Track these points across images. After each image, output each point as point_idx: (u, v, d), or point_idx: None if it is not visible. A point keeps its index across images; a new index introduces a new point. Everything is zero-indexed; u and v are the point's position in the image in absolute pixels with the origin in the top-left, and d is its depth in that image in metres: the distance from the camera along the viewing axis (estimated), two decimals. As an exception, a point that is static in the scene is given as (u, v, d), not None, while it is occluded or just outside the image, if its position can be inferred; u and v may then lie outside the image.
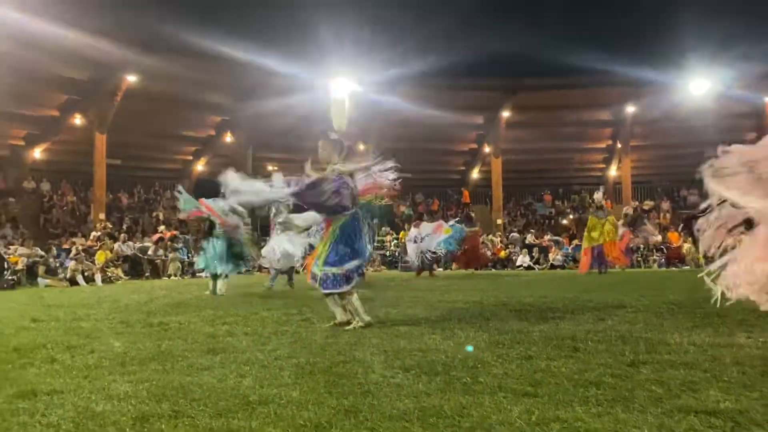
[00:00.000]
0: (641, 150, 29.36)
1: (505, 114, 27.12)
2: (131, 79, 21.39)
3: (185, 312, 6.46)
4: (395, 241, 23.61)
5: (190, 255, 18.02)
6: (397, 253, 21.82)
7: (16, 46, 17.44)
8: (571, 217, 28.34)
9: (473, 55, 24.93)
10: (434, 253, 14.83)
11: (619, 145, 28.64)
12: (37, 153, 24.72)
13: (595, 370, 3.17)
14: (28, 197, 23.75)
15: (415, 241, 15.05)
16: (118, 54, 19.39)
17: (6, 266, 13.57)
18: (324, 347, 3.98)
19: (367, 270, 19.99)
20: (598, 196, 15.87)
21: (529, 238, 23.22)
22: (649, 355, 3.52)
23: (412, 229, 16.04)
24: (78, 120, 22.92)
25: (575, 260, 19.62)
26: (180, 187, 10.41)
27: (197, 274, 16.92)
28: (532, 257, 20.85)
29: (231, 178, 5.51)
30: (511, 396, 2.71)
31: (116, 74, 21.19)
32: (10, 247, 16.13)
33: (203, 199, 9.62)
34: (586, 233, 15.18)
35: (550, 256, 20.75)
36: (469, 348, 3.81)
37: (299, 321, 5.28)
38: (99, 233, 19.54)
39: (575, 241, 21.58)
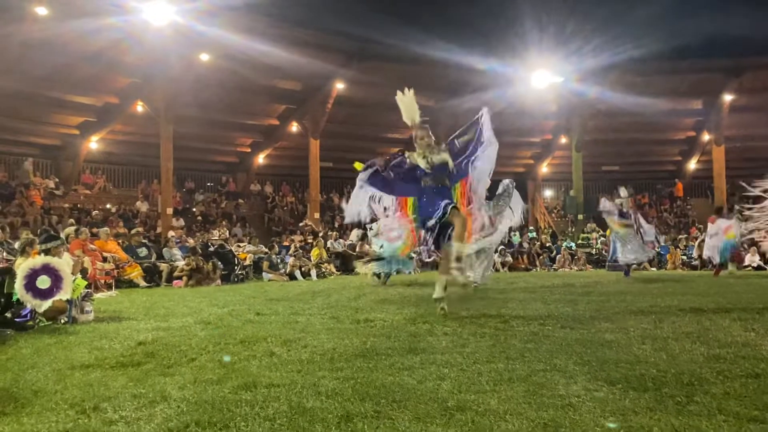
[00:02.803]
0: None
1: (728, 98, 24.47)
2: (340, 86, 22.83)
3: (389, 309, 6.69)
4: (602, 239, 22.45)
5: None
6: (604, 251, 20.68)
7: (241, 65, 19.52)
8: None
9: (689, 38, 22.78)
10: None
11: None
12: (261, 158, 27.53)
13: (840, 396, 2.72)
14: (254, 198, 26.57)
15: (711, 237, 14.93)
16: (328, 64, 20.79)
17: (236, 262, 15.21)
18: (523, 353, 3.88)
19: (571, 269, 19.23)
20: None
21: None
22: None
23: (710, 226, 15.52)
24: (295, 127, 25.02)
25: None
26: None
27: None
28: (762, 256, 18.63)
29: None
30: (733, 420, 2.44)
31: (327, 83, 22.74)
32: (240, 244, 18.08)
33: None
34: None
35: (785, 255, 18.33)
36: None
37: (497, 323, 5.21)
38: (319, 231, 21.18)
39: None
